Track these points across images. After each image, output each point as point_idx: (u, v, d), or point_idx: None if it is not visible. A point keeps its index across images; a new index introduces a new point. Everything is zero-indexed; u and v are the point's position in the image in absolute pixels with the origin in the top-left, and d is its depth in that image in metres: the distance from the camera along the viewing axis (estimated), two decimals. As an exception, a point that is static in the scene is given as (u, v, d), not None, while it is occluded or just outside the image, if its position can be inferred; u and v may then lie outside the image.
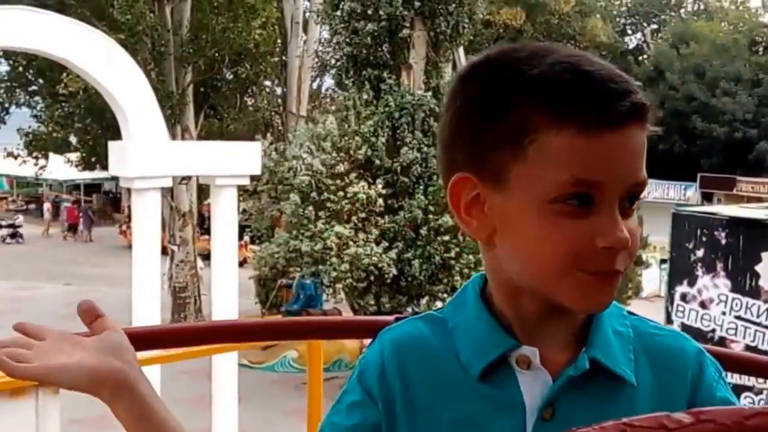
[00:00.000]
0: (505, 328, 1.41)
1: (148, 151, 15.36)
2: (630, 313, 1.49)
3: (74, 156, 39.78)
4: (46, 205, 49.07)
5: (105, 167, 39.30)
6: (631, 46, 56.69)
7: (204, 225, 35.34)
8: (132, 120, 15.29)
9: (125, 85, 15.23)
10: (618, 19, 56.14)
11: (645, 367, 1.41)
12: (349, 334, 3.67)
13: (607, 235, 1.29)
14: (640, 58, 54.88)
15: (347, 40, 23.92)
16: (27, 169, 41.40)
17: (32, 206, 52.13)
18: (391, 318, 1.64)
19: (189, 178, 22.39)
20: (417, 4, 23.42)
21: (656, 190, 41.89)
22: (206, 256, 31.70)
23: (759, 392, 14.73)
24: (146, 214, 15.78)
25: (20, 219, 47.12)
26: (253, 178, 19.05)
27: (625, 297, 24.11)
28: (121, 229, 45.04)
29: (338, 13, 24.05)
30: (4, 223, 46.25)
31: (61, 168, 42.46)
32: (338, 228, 21.90)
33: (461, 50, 27.41)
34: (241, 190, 20.96)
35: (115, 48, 15.33)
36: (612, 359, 1.39)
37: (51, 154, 38.40)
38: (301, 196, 22.35)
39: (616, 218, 1.30)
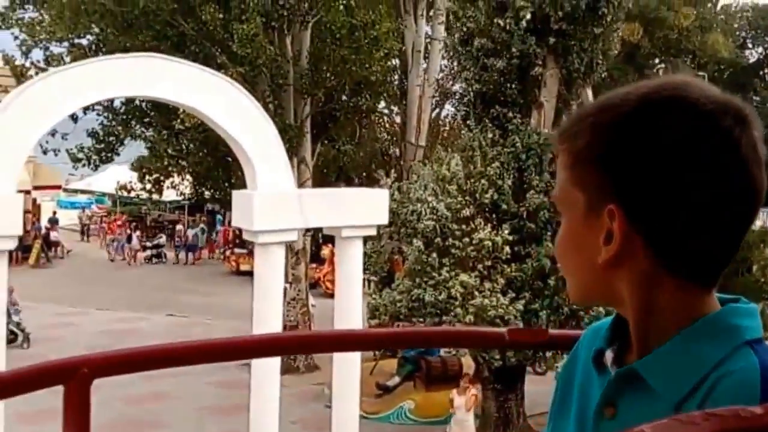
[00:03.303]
0: (614, 330, 1.61)
1: (275, 203, 14.70)
2: (759, 347, 1.44)
3: (185, 184, 39.84)
4: (179, 227, 48.91)
5: (211, 193, 39.78)
6: (751, 61, 54.95)
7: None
8: (260, 171, 14.68)
9: (254, 136, 14.66)
10: (738, 33, 54.55)
11: (700, 395, 1.41)
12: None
13: None
14: (762, 72, 53.31)
15: (476, 77, 22.95)
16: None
17: (134, 224, 51.85)
18: (503, 330, 2.19)
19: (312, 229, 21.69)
20: (552, 40, 22.35)
21: (785, 219, 39.60)
22: (312, 285, 31.26)
23: None
24: (270, 270, 15.20)
25: (163, 239, 47.45)
26: (379, 226, 18.10)
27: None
28: (225, 254, 44.69)
29: (468, 48, 23.10)
30: (149, 244, 46.50)
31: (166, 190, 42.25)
32: (463, 277, 20.94)
33: (589, 89, 26.36)
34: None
35: (245, 97, 14.64)
36: (655, 375, 1.46)
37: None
38: (425, 241, 21.41)
39: None
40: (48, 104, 13.16)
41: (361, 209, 15.78)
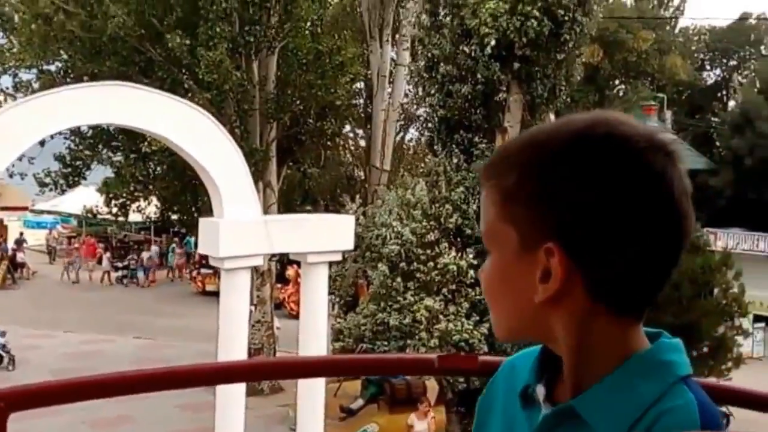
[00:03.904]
0: (542, 365, 1.60)
1: (241, 230, 14.87)
2: (690, 382, 1.49)
3: (151, 209, 39.84)
4: (155, 248, 48.63)
5: (179, 216, 39.80)
6: (709, 82, 55.61)
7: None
8: (226, 199, 14.85)
9: (221, 164, 14.87)
10: (696, 55, 55.20)
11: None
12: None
13: None
14: (719, 94, 54.01)
15: (440, 102, 23.21)
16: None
17: (101, 245, 51.50)
18: (433, 356, 2.11)
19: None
20: (516, 66, 22.63)
21: (745, 242, 39.81)
22: (276, 306, 31.27)
23: None
24: (235, 295, 15.32)
25: (135, 260, 47.24)
26: (344, 251, 18.24)
27: (724, 368, 22.80)
28: (191, 275, 44.56)
29: (433, 74, 23.37)
30: (120, 264, 46.26)
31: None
32: (428, 301, 21.09)
33: (552, 114, 26.73)
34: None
35: (213, 125, 14.81)
36: (593, 412, 1.46)
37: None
38: (390, 266, 21.57)
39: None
40: (18, 132, 13.28)
41: (326, 235, 15.97)
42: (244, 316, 15.76)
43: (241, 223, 14.87)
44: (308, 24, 27.20)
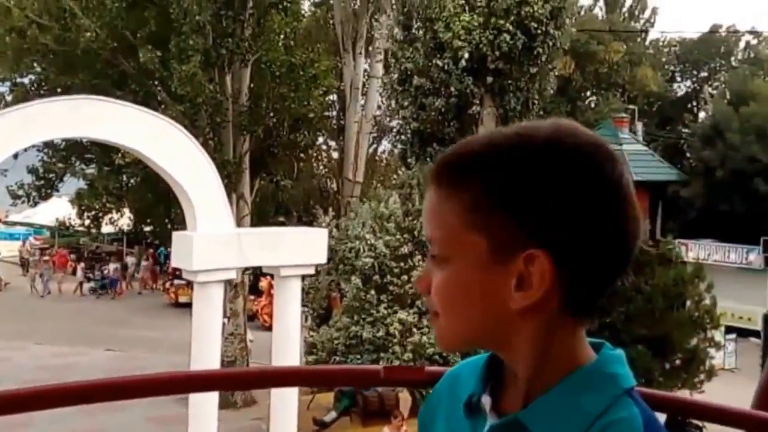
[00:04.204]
0: (488, 374, 1.56)
1: (214, 243, 14.84)
2: (634, 394, 1.49)
3: (124, 221, 39.79)
4: (131, 259, 48.28)
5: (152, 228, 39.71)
6: (680, 94, 55.98)
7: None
8: (200, 212, 14.83)
9: (195, 177, 14.84)
10: (667, 67, 55.59)
11: None
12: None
13: None
14: (689, 105, 54.31)
15: (414, 115, 23.30)
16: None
17: (72, 256, 51.25)
18: (379, 367, 1.92)
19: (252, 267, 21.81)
20: (489, 79, 22.76)
21: (716, 253, 40.14)
22: (249, 318, 31.21)
23: None
24: (208, 308, 15.28)
25: (108, 271, 46.98)
26: (318, 266, 18.24)
27: (696, 381, 22.81)
28: (164, 286, 44.34)
29: (406, 87, 23.47)
30: (92, 275, 45.96)
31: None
32: (401, 314, 21.09)
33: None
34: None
35: (187, 138, 14.80)
36: (540, 425, 1.44)
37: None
38: (363, 279, 21.57)
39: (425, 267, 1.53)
40: (-11, 146, 13.25)
41: (299, 249, 15.96)
42: (217, 328, 15.74)
43: (215, 237, 14.85)
44: (281, 37, 27.24)
